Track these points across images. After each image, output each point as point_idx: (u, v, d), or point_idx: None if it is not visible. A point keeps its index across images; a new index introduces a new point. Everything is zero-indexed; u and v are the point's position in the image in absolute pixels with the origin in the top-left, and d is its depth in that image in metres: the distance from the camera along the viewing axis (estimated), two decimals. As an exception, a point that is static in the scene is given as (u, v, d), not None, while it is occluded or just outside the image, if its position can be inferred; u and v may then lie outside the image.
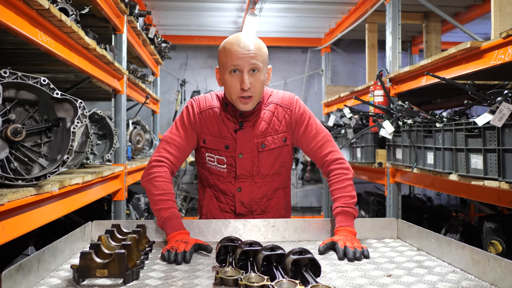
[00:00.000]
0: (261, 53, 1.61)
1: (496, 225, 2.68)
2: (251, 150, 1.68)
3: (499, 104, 2.04)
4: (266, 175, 1.71)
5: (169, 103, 6.99)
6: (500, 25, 2.51)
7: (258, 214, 1.74)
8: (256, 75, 1.60)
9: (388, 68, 3.85)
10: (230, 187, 1.71)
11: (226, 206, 1.73)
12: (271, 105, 1.72)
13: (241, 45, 1.58)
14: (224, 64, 1.62)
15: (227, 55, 1.60)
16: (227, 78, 1.62)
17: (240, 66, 1.58)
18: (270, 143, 1.69)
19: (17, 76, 1.64)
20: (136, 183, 4.01)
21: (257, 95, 1.63)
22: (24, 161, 1.72)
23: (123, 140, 3.40)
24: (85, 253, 1.08)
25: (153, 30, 4.52)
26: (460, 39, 6.14)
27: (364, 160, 4.05)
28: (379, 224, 1.63)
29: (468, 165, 2.39)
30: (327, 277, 1.17)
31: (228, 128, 1.68)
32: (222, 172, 1.70)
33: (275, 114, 1.71)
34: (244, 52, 1.57)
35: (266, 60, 1.65)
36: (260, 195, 1.72)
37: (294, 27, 6.24)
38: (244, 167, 1.68)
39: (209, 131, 1.70)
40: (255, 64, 1.58)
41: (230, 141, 1.68)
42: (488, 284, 1.09)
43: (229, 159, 1.68)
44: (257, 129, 1.68)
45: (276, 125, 1.70)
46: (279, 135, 1.70)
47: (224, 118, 1.69)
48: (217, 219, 1.69)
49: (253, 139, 1.67)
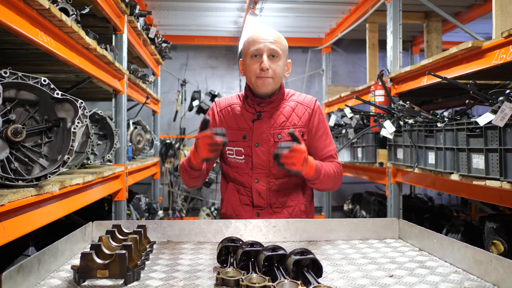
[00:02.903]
0: (281, 42, 1.73)
1: (498, 225, 2.67)
2: (267, 140, 1.74)
3: (501, 104, 2.03)
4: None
5: (170, 103, 6.99)
6: (501, 25, 2.50)
7: (277, 208, 1.78)
8: (275, 60, 1.70)
9: (389, 68, 3.85)
10: (247, 179, 1.77)
11: (246, 198, 1.79)
12: (292, 102, 1.81)
13: (262, 33, 1.72)
14: (246, 51, 1.74)
15: (249, 43, 1.73)
16: (248, 62, 1.73)
17: (260, 50, 1.69)
18: (286, 135, 1.74)
19: (18, 76, 1.64)
20: (137, 183, 4.01)
21: (275, 78, 1.72)
22: (24, 161, 1.72)
23: (123, 140, 3.40)
24: (86, 254, 1.07)
25: (153, 30, 4.51)
26: (461, 39, 6.14)
27: (365, 160, 4.05)
28: (380, 224, 1.63)
29: (470, 165, 2.38)
30: (328, 278, 1.17)
31: (246, 119, 1.78)
32: (240, 164, 1.78)
33: (295, 111, 1.79)
34: (264, 38, 1.70)
35: (286, 51, 1.76)
36: (276, 187, 1.77)
37: (295, 27, 6.23)
38: (261, 157, 1.75)
39: (228, 126, 1.79)
40: (275, 49, 1.69)
41: (247, 132, 1.76)
42: (491, 285, 1.09)
43: (246, 149, 1.76)
44: (274, 120, 1.76)
45: (295, 120, 1.78)
46: (296, 129, 1.76)
47: (243, 111, 1.79)
48: (237, 212, 1.77)
49: (270, 129, 1.75)
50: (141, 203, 4.66)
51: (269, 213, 1.77)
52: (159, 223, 1.59)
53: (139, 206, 4.58)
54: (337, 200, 6.95)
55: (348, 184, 7.00)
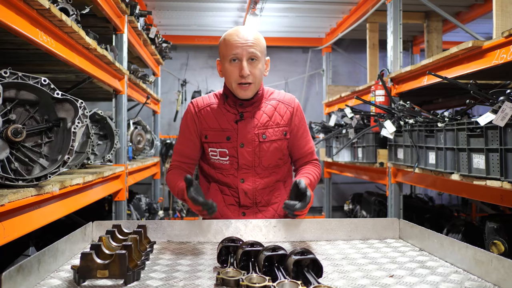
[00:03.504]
0: (259, 43, 1.70)
1: (498, 225, 2.67)
2: (252, 140, 1.74)
3: (502, 104, 2.03)
4: (267, 167, 1.77)
5: (170, 103, 6.99)
6: (502, 25, 2.50)
7: (263, 206, 1.78)
8: (254, 64, 1.68)
9: (389, 67, 3.85)
10: (233, 180, 1.76)
11: (230, 198, 1.78)
12: (273, 101, 1.81)
13: (240, 36, 1.67)
14: (224, 54, 1.70)
15: (227, 45, 1.68)
16: (227, 67, 1.70)
17: (239, 55, 1.66)
18: (271, 134, 1.76)
19: (18, 76, 1.64)
20: (137, 184, 4.01)
21: (255, 82, 1.70)
22: (24, 161, 1.72)
23: (124, 140, 3.40)
24: (86, 254, 1.07)
25: (153, 30, 4.51)
26: (461, 38, 6.13)
27: (366, 160, 4.05)
28: (381, 224, 1.62)
29: (470, 165, 2.38)
30: (329, 278, 1.16)
31: (229, 120, 1.75)
32: (224, 165, 1.76)
33: (277, 109, 1.79)
34: (242, 42, 1.66)
35: (264, 51, 1.74)
36: (262, 186, 1.77)
37: (295, 27, 6.23)
38: (246, 157, 1.74)
39: (209, 127, 1.76)
40: (253, 53, 1.67)
41: (231, 133, 1.74)
42: (491, 285, 1.09)
43: (231, 150, 1.74)
44: (258, 120, 1.75)
45: (278, 119, 1.78)
46: (280, 128, 1.77)
47: (224, 111, 1.76)
48: (222, 213, 1.76)
49: (254, 129, 1.74)
50: (142, 203, 4.66)
51: (254, 211, 1.77)
52: (159, 223, 1.59)
53: (139, 206, 4.58)
54: (338, 200, 6.95)
55: (349, 184, 7.01)
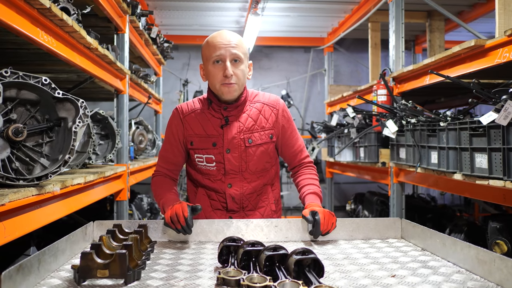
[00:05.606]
0: (242, 45, 1.70)
1: (501, 224, 2.66)
2: (239, 145, 1.73)
3: (504, 103, 2.02)
4: (255, 171, 1.76)
5: (172, 103, 6.99)
6: (504, 23, 2.49)
7: (250, 210, 1.78)
8: (237, 65, 1.68)
9: (391, 67, 3.83)
10: (220, 185, 1.76)
11: (217, 203, 1.77)
12: (258, 103, 1.80)
13: (222, 37, 1.69)
14: (207, 57, 1.70)
15: (210, 47, 1.69)
16: (210, 69, 1.69)
17: (223, 56, 1.66)
18: (257, 138, 1.75)
19: (18, 75, 1.63)
20: (139, 183, 4.01)
21: (239, 84, 1.69)
22: (25, 161, 1.72)
23: (125, 140, 3.39)
24: (86, 253, 1.07)
25: (155, 30, 4.51)
26: (463, 38, 6.11)
27: (368, 160, 4.04)
28: (383, 224, 1.62)
29: (473, 164, 2.37)
30: (330, 278, 1.16)
31: (214, 125, 1.74)
32: (211, 171, 1.75)
33: (262, 112, 1.78)
34: (225, 43, 1.67)
35: (247, 54, 1.74)
36: (249, 191, 1.77)
37: (297, 27, 6.22)
38: (233, 162, 1.73)
39: (195, 133, 1.76)
40: (236, 54, 1.67)
41: (216, 139, 1.73)
42: (494, 285, 1.08)
43: (217, 156, 1.73)
44: (243, 124, 1.74)
45: (263, 122, 1.77)
46: (265, 131, 1.76)
47: (209, 116, 1.75)
48: (209, 217, 1.75)
49: (240, 134, 1.73)
50: (143, 203, 4.67)
51: (241, 216, 1.76)
52: (160, 222, 1.58)
53: (141, 206, 4.58)
54: (340, 200, 6.94)
55: (351, 184, 7.00)
